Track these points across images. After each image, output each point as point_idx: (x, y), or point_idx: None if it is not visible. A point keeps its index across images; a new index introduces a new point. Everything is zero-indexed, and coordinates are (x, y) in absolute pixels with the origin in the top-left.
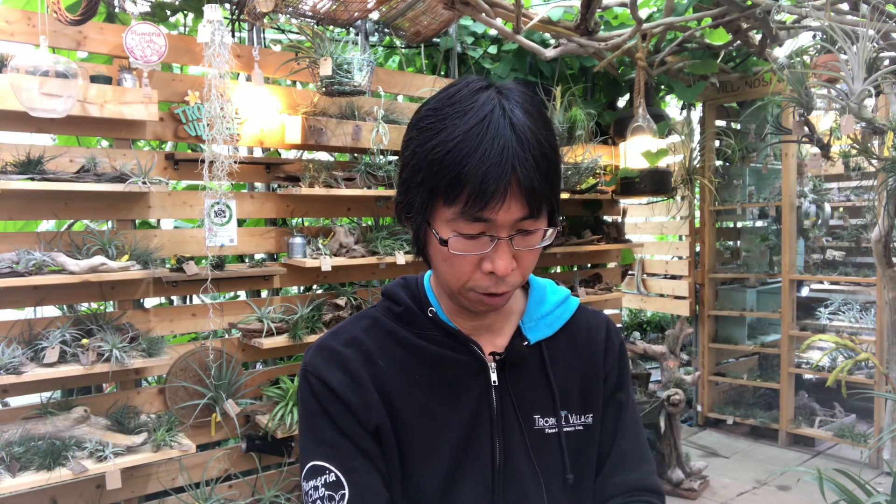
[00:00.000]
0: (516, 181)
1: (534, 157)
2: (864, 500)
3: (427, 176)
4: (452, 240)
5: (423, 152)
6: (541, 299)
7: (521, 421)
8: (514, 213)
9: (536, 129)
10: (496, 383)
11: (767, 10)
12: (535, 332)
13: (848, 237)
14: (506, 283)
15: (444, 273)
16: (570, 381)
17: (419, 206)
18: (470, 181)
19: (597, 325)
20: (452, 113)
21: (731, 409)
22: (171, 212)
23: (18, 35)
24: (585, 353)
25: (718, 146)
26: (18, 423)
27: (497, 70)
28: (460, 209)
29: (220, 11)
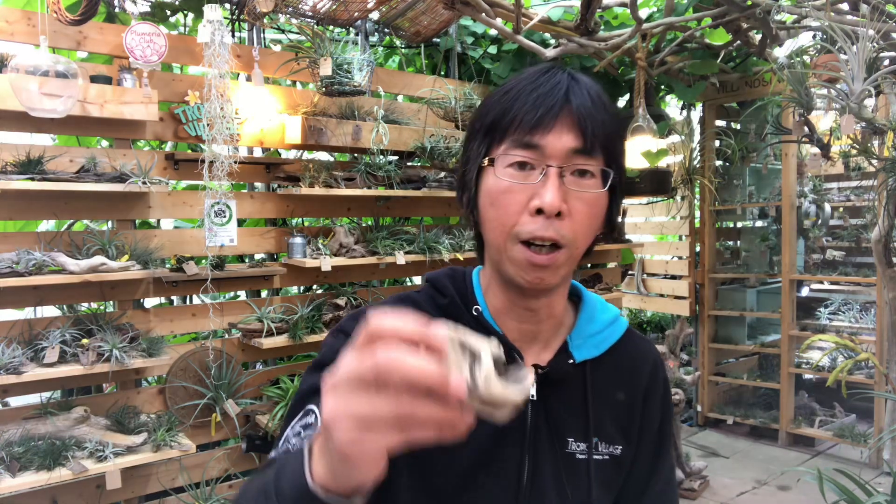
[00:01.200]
0: (569, 109)
1: (590, 95)
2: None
3: (485, 118)
4: (501, 167)
5: (484, 102)
6: (591, 316)
7: (554, 441)
8: (567, 141)
9: (599, 91)
10: (534, 398)
11: (767, 10)
12: (581, 351)
13: (848, 237)
14: (554, 228)
15: (491, 221)
16: (607, 407)
17: (474, 154)
18: (520, 108)
19: (643, 355)
20: (525, 74)
21: (731, 409)
22: (171, 212)
23: (18, 35)
24: (628, 382)
25: (718, 146)
26: (18, 423)
27: (497, 70)
28: (511, 138)
29: (220, 11)
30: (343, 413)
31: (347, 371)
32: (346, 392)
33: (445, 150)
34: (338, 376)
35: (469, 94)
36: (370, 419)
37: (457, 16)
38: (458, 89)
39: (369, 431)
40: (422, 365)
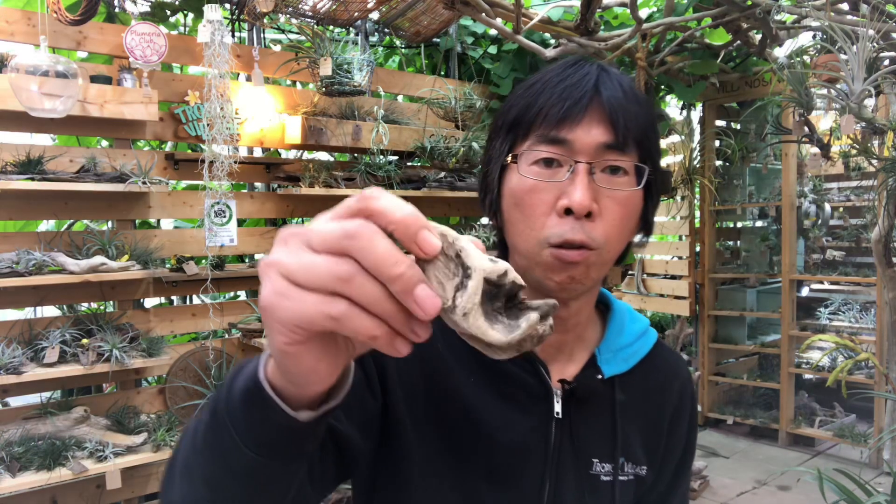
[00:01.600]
0: (599, 101)
1: (622, 87)
2: (864, 500)
3: (506, 115)
4: (525, 165)
5: (508, 99)
6: (621, 328)
7: (578, 462)
8: (596, 135)
9: (631, 83)
10: (559, 415)
11: (767, 10)
12: (610, 366)
13: (848, 237)
14: (584, 230)
15: (516, 224)
16: (635, 425)
17: (497, 153)
18: (546, 100)
19: (674, 371)
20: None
21: (731, 409)
22: (171, 212)
23: (18, 35)
24: (656, 400)
25: (718, 146)
26: (18, 423)
27: (497, 70)
28: (536, 133)
29: (220, 11)
30: (280, 261)
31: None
32: (296, 245)
33: (445, 150)
34: (296, 229)
35: (469, 94)
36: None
37: (457, 16)
38: (458, 89)
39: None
40: (394, 254)
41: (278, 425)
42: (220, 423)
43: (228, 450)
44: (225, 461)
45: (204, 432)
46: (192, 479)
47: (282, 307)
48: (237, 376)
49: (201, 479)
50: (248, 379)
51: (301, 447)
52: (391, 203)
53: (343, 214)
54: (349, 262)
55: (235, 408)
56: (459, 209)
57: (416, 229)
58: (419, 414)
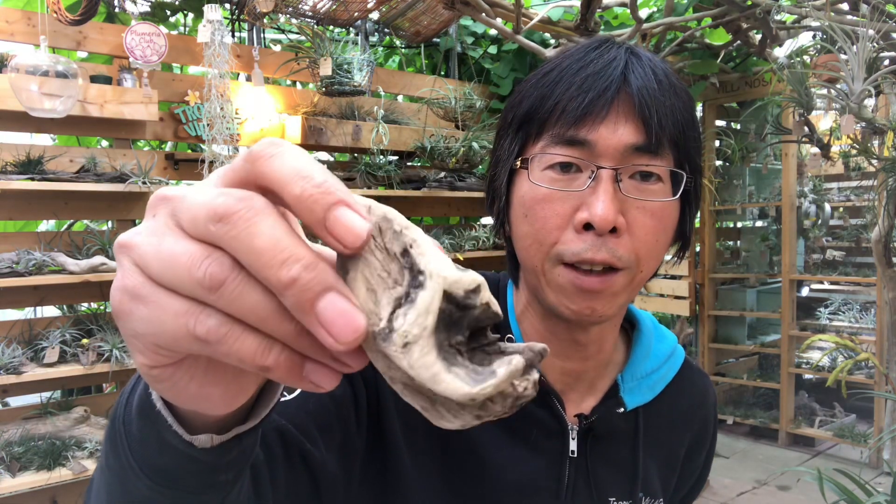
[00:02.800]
0: (627, 94)
1: (655, 74)
2: (864, 500)
3: (517, 108)
4: (538, 171)
5: (519, 88)
6: (647, 351)
7: (594, 502)
8: (623, 136)
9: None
10: (574, 454)
11: (767, 10)
12: (634, 395)
13: (848, 237)
14: (608, 248)
15: (525, 238)
16: (654, 457)
17: (506, 154)
18: (564, 92)
19: (701, 397)
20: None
21: (731, 409)
22: None
23: (18, 35)
24: (678, 426)
25: (718, 146)
26: (18, 423)
27: (497, 70)
28: (550, 133)
29: (220, 11)
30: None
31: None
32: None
33: (445, 150)
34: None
35: (469, 94)
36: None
37: (457, 16)
38: (458, 89)
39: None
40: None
41: (174, 448)
42: (116, 438)
43: (125, 472)
44: (123, 487)
45: (105, 448)
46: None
47: (133, 316)
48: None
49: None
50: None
51: (208, 479)
52: (291, 165)
53: (229, 179)
54: (222, 256)
55: (131, 419)
56: (459, 209)
57: (326, 205)
58: (418, 445)
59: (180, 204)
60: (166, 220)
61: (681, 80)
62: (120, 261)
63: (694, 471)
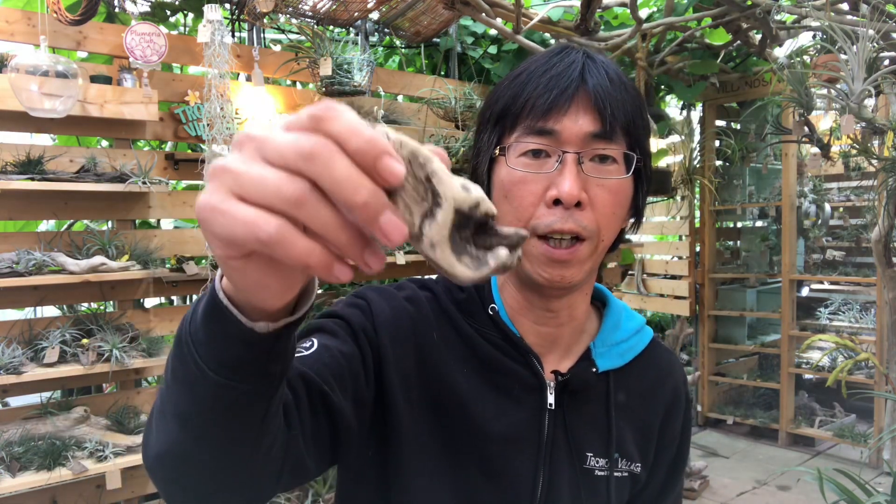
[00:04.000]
0: (585, 90)
1: (608, 74)
2: (864, 500)
3: (493, 106)
4: (514, 157)
5: (495, 89)
6: (617, 323)
7: (573, 455)
8: (584, 125)
9: (618, 69)
10: (552, 406)
11: (767, 10)
12: (605, 360)
13: (848, 237)
14: (574, 220)
15: (505, 216)
16: (629, 421)
17: (485, 146)
18: (532, 91)
19: (668, 369)
20: (539, 56)
21: (731, 409)
22: (171, 212)
23: (18, 35)
24: (650, 397)
25: (718, 146)
26: (18, 423)
27: (497, 70)
28: (523, 125)
29: (220, 11)
30: (232, 169)
31: (266, 136)
32: (250, 152)
33: (445, 150)
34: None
35: (469, 94)
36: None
37: (457, 16)
38: (458, 89)
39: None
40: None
41: (237, 339)
42: (184, 349)
43: (193, 376)
44: (191, 390)
45: (172, 365)
46: (165, 419)
47: (214, 221)
48: (202, 297)
49: (172, 415)
50: (206, 298)
51: (264, 366)
52: (347, 124)
53: (300, 127)
54: (303, 183)
55: (197, 328)
56: None
57: (374, 155)
58: (413, 400)
59: (266, 143)
60: (253, 153)
61: (630, 79)
62: (213, 179)
63: (672, 439)
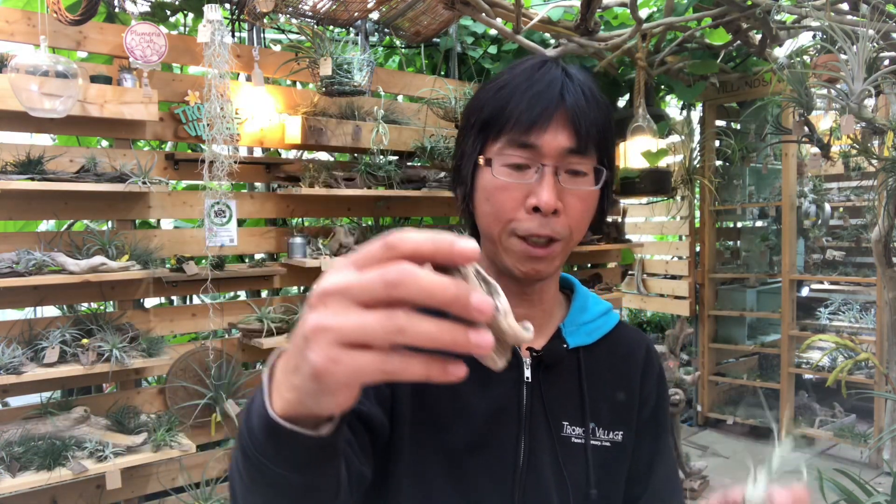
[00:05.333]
0: (564, 109)
1: (584, 93)
2: (864, 500)
3: (481, 113)
4: (498, 167)
5: (478, 96)
6: (584, 307)
7: (550, 423)
8: (561, 141)
9: (592, 86)
10: (529, 380)
11: (767, 10)
12: (574, 337)
13: (848, 237)
14: (550, 226)
15: (487, 216)
16: (603, 393)
17: (470, 150)
18: (516, 106)
19: (636, 344)
20: (519, 69)
21: (731, 409)
22: (171, 212)
23: (18, 35)
24: (622, 369)
25: (718, 146)
26: (18, 423)
27: (497, 70)
28: (507, 137)
29: (220, 11)
30: (330, 325)
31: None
32: (339, 305)
33: (445, 150)
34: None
35: (469, 94)
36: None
37: (457, 16)
38: (458, 89)
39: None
40: (441, 280)
41: (309, 447)
42: (257, 464)
43: (275, 480)
44: (277, 489)
45: (248, 474)
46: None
47: (338, 372)
48: (250, 417)
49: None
50: (261, 418)
51: (336, 449)
52: (417, 238)
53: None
54: (397, 313)
55: (262, 445)
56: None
57: (449, 243)
58: (401, 391)
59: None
60: (342, 303)
61: (602, 94)
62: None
63: (650, 394)
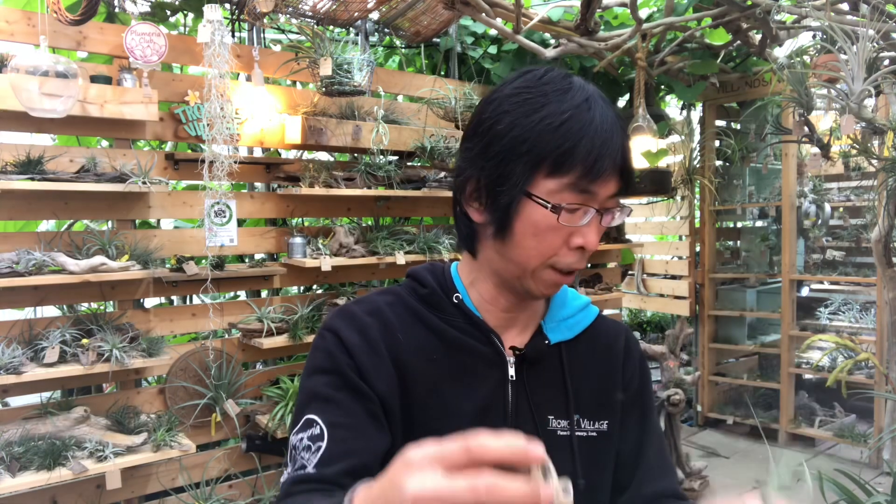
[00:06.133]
0: (620, 157)
1: (622, 129)
2: (864, 500)
3: (536, 146)
4: (564, 213)
5: (530, 123)
6: (563, 302)
7: (535, 419)
8: (611, 188)
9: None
10: (513, 378)
11: (767, 10)
12: (555, 333)
13: (848, 237)
14: (584, 259)
15: (528, 249)
16: (586, 385)
17: (518, 178)
18: (585, 152)
19: (616, 334)
20: (552, 91)
21: (731, 409)
22: (171, 212)
23: (18, 35)
24: (604, 360)
25: (718, 146)
26: (18, 423)
27: (497, 70)
28: (572, 180)
29: (220, 11)
30: None
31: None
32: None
33: (445, 150)
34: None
35: (469, 94)
36: None
37: (457, 16)
38: (458, 89)
39: None
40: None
41: None
42: None
43: None
44: None
45: None
46: None
47: None
48: None
49: None
50: None
51: None
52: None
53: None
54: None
55: None
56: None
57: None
58: (398, 398)
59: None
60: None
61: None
62: None
63: (632, 381)
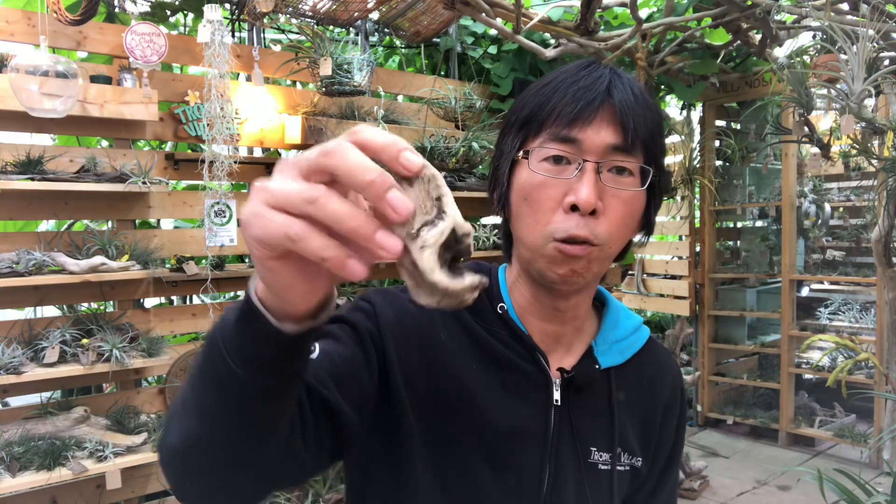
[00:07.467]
0: (610, 104)
1: (632, 91)
2: (864, 500)
3: (519, 112)
4: (536, 163)
5: (521, 97)
6: (616, 322)
7: (579, 449)
8: (605, 136)
9: (642, 87)
10: (558, 403)
11: (767, 10)
12: (606, 357)
13: (848, 237)
14: (589, 227)
15: (525, 217)
16: (630, 416)
17: (509, 148)
18: (559, 100)
19: (666, 366)
20: (559, 70)
21: (731, 409)
22: (171, 212)
23: (18, 35)
24: (649, 392)
25: (718, 146)
26: (18, 423)
27: (497, 70)
28: (548, 131)
29: (220, 11)
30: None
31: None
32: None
33: (445, 150)
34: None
35: (469, 94)
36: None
37: (457, 16)
38: (458, 89)
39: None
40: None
41: (265, 338)
42: (213, 348)
43: (220, 373)
44: (217, 386)
45: (200, 362)
46: (187, 414)
47: (253, 225)
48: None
49: (195, 411)
50: (241, 301)
51: (288, 364)
52: (375, 133)
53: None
54: (319, 186)
55: (228, 328)
56: (460, 209)
57: (398, 149)
58: (419, 399)
59: (300, 160)
60: (289, 171)
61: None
62: (253, 195)
63: (669, 435)
